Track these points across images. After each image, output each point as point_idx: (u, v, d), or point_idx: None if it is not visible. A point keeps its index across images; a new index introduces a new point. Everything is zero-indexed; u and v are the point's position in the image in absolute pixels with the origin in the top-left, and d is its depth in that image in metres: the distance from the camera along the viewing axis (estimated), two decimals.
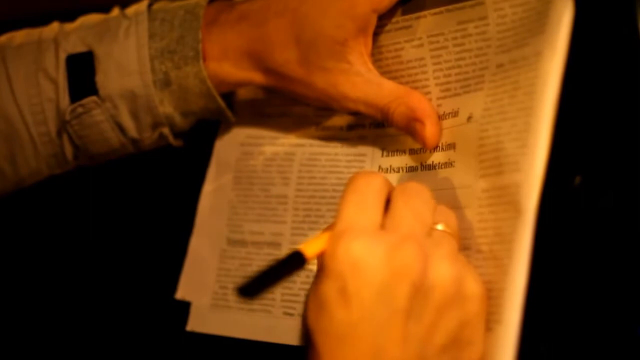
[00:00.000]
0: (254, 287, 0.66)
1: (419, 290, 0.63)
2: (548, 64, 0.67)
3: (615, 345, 0.66)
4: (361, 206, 0.67)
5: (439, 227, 0.68)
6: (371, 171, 0.71)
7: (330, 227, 0.67)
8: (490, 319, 0.67)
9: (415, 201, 0.68)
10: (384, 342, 0.62)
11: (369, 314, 0.62)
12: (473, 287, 0.65)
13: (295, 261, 0.67)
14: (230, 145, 0.89)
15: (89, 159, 0.85)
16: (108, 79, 0.81)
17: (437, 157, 0.77)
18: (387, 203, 0.69)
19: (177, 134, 0.84)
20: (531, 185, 0.66)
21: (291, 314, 0.83)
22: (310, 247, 0.67)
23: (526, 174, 0.66)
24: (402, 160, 0.80)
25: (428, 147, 0.76)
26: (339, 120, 0.85)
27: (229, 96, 0.84)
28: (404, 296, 0.63)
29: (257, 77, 0.81)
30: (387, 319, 0.62)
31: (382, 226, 0.66)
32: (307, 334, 0.64)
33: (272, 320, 0.83)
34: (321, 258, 0.65)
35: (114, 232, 0.98)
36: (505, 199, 0.68)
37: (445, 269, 0.64)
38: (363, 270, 0.63)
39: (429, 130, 0.76)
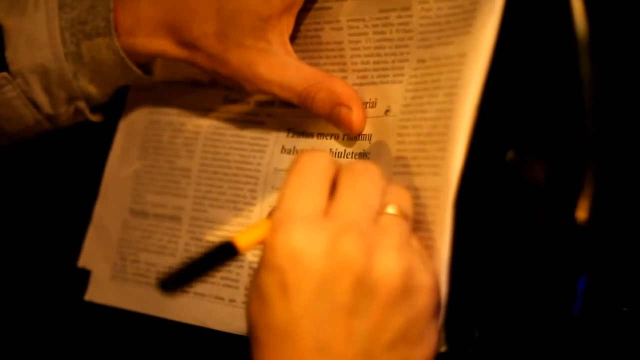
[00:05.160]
0: (177, 281, 0.57)
1: (363, 286, 0.56)
2: (472, 67, 0.61)
3: (551, 326, 0.60)
4: (303, 191, 0.58)
5: (390, 210, 0.58)
6: (316, 150, 0.62)
7: (270, 214, 0.60)
8: None
9: (362, 183, 0.59)
10: (327, 338, 0.55)
11: (310, 309, 0.55)
12: (423, 279, 0.57)
13: (226, 253, 0.58)
14: (139, 113, 0.82)
15: (5, 138, 0.77)
16: (18, 54, 0.73)
17: (348, 146, 0.72)
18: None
19: (95, 107, 0.77)
20: (449, 189, 0.60)
21: (186, 292, 0.76)
22: (244, 238, 0.58)
23: (445, 179, 0.61)
24: (307, 144, 0.74)
25: (354, 134, 0.70)
26: (248, 96, 0.78)
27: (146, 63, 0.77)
28: (346, 291, 0.55)
29: (171, 50, 0.73)
30: (329, 315, 0.55)
31: (327, 212, 0.58)
32: (250, 327, 0.58)
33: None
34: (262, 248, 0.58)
35: (24, 200, 0.90)
36: (421, 201, 0.63)
37: (391, 262, 0.56)
38: (302, 263, 0.55)
39: (356, 116, 0.70)
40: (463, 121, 0.60)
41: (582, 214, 0.59)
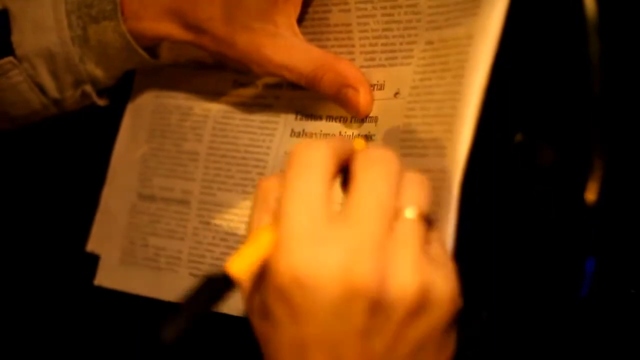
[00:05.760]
0: (175, 330, 0.50)
1: (378, 308, 0.52)
2: (479, 49, 0.61)
3: (559, 308, 0.59)
4: (301, 197, 0.53)
5: (408, 213, 0.54)
6: (312, 142, 0.54)
7: (268, 226, 0.54)
8: None
9: (380, 181, 0.53)
10: (342, 357, 0.53)
11: (323, 333, 0.52)
12: (440, 292, 0.53)
13: (221, 287, 0.51)
14: (146, 97, 0.81)
15: (10, 122, 0.76)
16: (24, 37, 0.72)
17: (355, 128, 0.71)
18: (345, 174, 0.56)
19: (101, 91, 0.76)
20: (455, 171, 0.59)
21: (196, 275, 0.76)
22: (239, 263, 0.52)
23: (451, 160, 0.60)
24: (316, 126, 0.74)
25: (360, 115, 0.70)
26: (256, 79, 0.77)
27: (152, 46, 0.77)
28: (361, 315, 0.52)
29: (177, 33, 0.72)
30: (344, 338, 0.52)
31: (334, 217, 0.52)
32: (260, 342, 0.55)
33: (178, 281, 0.76)
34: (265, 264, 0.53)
35: (32, 183, 0.89)
36: None
37: (408, 280, 0.52)
38: (311, 288, 0.51)
39: (363, 97, 0.69)
40: (470, 103, 0.59)
41: (590, 196, 0.58)
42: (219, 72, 0.78)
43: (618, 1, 0.60)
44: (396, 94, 0.68)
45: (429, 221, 0.55)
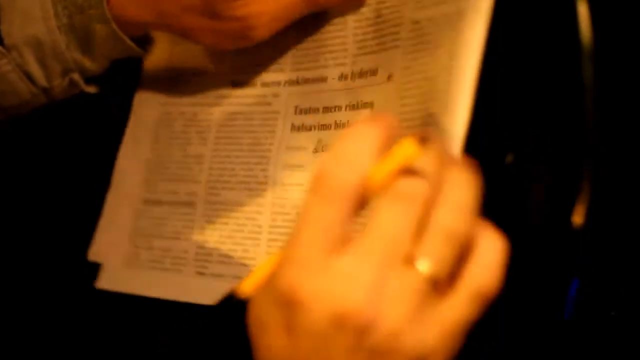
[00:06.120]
0: None
1: (360, 348, 0.51)
2: (471, 24, 0.61)
3: (540, 329, 0.60)
4: (315, 225, 0.51)
5: (420, 266, 0.51)
6: (343, 160, 0.51)
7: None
8: None
9: (399, 222, 0.51)
10: None
11: (311, 350, 0.52)
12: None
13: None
14: (150, 104, 0.83)
15: (0, 112, 0.77)
16: (12, 27, 0.73)
17: (351, 116, 0.72)
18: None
19: (89, 79, 0.76)
20: (454, 147, 0.59)
21: (203, 274, 0.76)
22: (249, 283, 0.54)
23: (449, 137, 0.59)
24: (315, 119, 0.74)
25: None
26: (254, 78, 0.78)
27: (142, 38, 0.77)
28: (345, 351, 0.51)
29: (163, 25, 0.74)
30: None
31: (348, 243, 0.51)
32: (253, 346, 0.55)
33: (184, 279, 0.77)
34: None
35: (34, 185, 0.88)
36: None
37: (395, 328, 0.50)
38: (305, 310, 0.51)
39: None
40: (465, 76, 0.59)
41: (578, 218, 0.58)
42: (217, 74, 0.79)
43: (613, 26, 0.61)
44: (389, 77, 0.68)
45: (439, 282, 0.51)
